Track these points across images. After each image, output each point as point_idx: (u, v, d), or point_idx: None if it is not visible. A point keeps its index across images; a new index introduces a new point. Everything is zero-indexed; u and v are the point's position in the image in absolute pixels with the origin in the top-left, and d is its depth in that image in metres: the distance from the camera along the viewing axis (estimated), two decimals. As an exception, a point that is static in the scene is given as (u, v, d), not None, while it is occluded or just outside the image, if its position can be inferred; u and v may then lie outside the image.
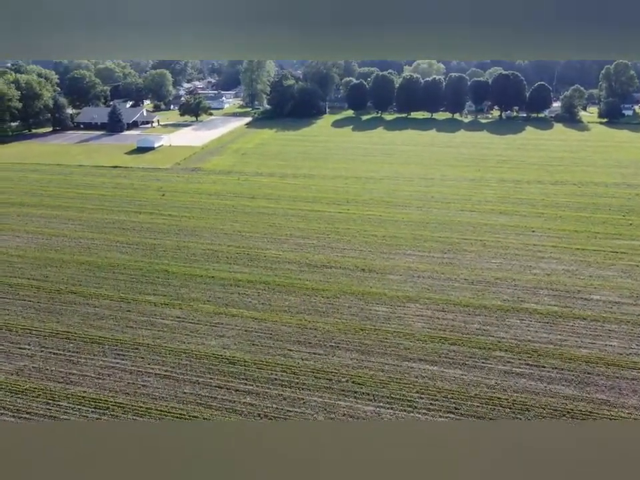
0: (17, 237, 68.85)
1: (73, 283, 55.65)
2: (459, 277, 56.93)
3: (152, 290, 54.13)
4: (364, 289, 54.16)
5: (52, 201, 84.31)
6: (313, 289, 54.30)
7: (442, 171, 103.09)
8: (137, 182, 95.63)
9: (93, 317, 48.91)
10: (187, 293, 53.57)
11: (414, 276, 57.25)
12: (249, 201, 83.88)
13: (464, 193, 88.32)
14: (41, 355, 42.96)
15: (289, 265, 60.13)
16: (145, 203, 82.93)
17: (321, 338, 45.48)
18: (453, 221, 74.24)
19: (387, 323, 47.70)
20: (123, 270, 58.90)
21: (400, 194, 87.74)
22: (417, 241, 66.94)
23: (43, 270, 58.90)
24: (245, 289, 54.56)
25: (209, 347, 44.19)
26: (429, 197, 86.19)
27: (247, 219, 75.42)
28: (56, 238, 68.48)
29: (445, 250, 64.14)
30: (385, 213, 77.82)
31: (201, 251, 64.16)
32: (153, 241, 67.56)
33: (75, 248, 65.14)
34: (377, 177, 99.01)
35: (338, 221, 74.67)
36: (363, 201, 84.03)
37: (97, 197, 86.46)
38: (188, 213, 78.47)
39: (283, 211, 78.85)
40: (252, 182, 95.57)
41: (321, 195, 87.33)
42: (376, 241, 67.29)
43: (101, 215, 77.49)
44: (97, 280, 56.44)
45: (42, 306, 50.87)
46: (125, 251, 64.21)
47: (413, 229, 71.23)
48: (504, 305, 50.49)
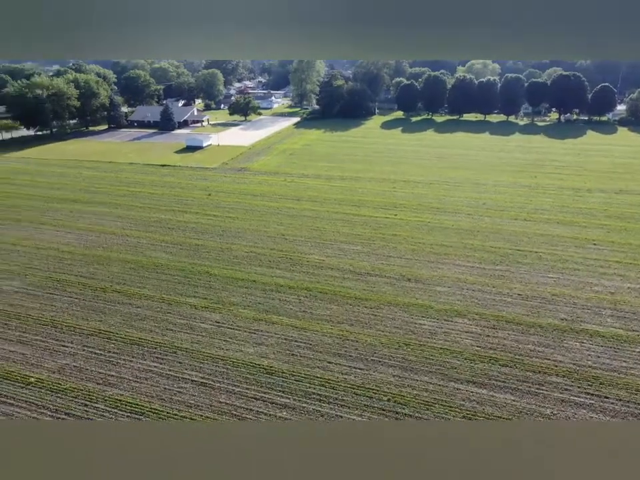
0: (69, 233, 70.51)
1: (118, 282, 56.11)
2: (511, 291, 53.54)
3: (193, 292, 53.77)
4: (409, 300, 51.77)
5: (103, 198, 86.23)
6: (355, 298, 52.41)
7: (495, 177, 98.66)
8: (184, 181, 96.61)
9: (134, 317, 48.93)
10: (228, 296, 52.87)
11: (463, 288, 54.31)
12: (294, 203, 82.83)
13: (518, 200, 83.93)
14: (82, 354, 43.17)
15: (331, 272, 58.47)
16: (191, 203, 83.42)
17: (362, 351, 43.54)
18: (505, 230, 70.42)
19: (433, 339, 45.20)
20: (166, 270, 58.97)
21: (449, 200, 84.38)
22: (466, 251, 63.77)
23: (90, 267, 59.81)
24: (286, 294, 53.31)
25: (246, 354, 43.14)
26: (480, 203, 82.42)
27: (291, 222, 74.33)
28: (105, 235, 69.66)
29: (496, 261, 60.70)
30: (433, 220, 74.84)
31: (244, 254, 63.49)
32: (196, 241, 67.53)
33: (122, 246, 65.94)
34: (425, 181, 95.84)
35: (384, 226, 72.37)
36: (411, 206, 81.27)
37: (146, 195, 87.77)
38: (232, 213, 78.24)
39: (327, 215, 77.29)
40: (298, 183, 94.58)
41: (367, 198, 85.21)
42: (423, 248, 64.59)
43: (148, 213, 78.44)
44: (141, 279, 56.69)
45: (87, 304, 51.42)
46: (169, 251, 64.42)
47: (462, 238, 68.00)
48: (561, 325, 46.89)
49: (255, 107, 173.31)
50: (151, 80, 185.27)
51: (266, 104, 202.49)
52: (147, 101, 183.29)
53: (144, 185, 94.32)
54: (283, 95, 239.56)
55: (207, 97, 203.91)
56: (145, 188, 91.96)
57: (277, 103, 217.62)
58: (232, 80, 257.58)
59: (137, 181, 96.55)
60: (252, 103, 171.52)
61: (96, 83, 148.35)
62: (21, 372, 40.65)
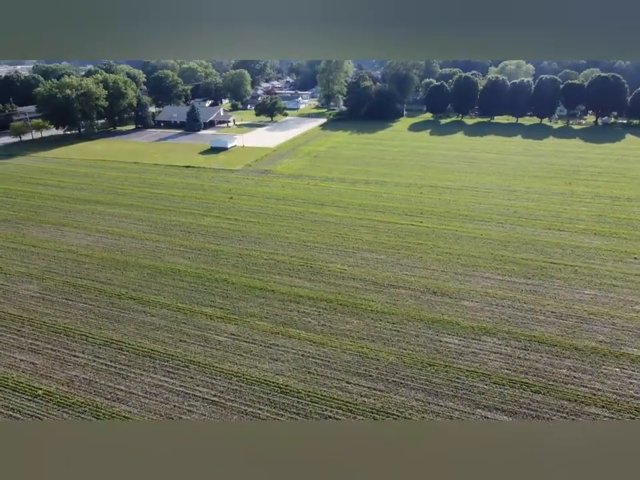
0: (88, 236, 69.95)
1: (134, 288, 54.93)
2: (544, 308, 50.17)
3: (209, 301, 52.13)
4: (434, 316, 48.97)
5: (125, 199, 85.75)
6: (377, 312, 49.89)
7: (527, 183, 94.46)
8: (206, 183, 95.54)
9: (148, 326, 47.53)
10: (245, 306, 51.03)
11: (492, 304, 51.19)
12: (317, 208, 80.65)
13: (552, 208, 79.83)
14: (93, 365, 41.90)
15: (353, 282, 56.06)
16: (212, 206, 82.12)
17: (383, 371, 41.03)
18: (538, 241, 66.71)
19: (460, 359, 42.36)
20: (183, 277, 57.55)
21: (479, 207, 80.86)
22: (496, 262, 60.45)
23: (107, 272, 58.85)
24: (305, 306, 51.16)
25: (261, 370, 41.14)
26: (511, 211, 78.67)
27: (313, 228, 72.17)
28: (124, 239, 68.82)
29: (528, 275, 57.26)
30: (461, 228, 71.59)
31: (263, 261, 61.63)
32: (216, 246, 66.02)
33: (140, 250, 64.92)
34: (454, 186, 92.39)
35: (409, 234, 69.51)
36: (438, 213, 78.10)
37: (168, 197, 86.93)
38: (254, 218, 76.55)
39: (351, 221, 74.84)
40: (321, 187, 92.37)
41: (393, 204, 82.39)
42: (450, 259, 61.55)
43: (169, 216, 77.44)
44: (157, 286, 55.38)
45: (101, 311, 50.31)
46: (188, 256, 63.05)
47: (492, 248, 64.64)
48: (600, 348, 43.41)
49: (281, 108, 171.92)
50: (178, 80, 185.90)
51: (293, 104, 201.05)
52: (174, 101, 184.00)
53: (166, 186, 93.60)
54: (310, 95, 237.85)
55: (234, 97, 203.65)
56: (167, 190, 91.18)
57: (304, 103, 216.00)
58: (260, 80, 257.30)
59: (160, 183, 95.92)
60: (278, 104, 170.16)
61: (124, 83, 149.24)
62: (29, 383, 39.56)
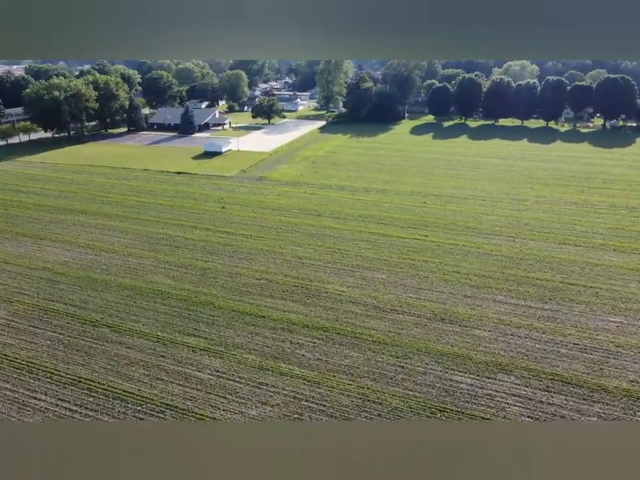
0: (67, 251, 64.78)
1: (111, 313, 49.77)
2: (566, 338, 45.03)
3: (193, 329, 46.98)
4: (442, 348, 43.83)
5: (110, 209, 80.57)
6: (379, 343, 44.74)
7: (537, 191, 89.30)
8: (198, 191, 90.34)
9: (122, 361, 42.35)
10: (232, 336, 45.87)
11: (507, 333, 46.05)
12: (314, 220, 75.48)
13: (565, 220, 74.67)
14: (54, 410, 36.70)
15: (352, 306, 50.92)
16: (202, 216, 76.94)
17: (386, 419, 35.86)
18: (553, 258, 61.56)
19: (473, 403, 37.20)
20: (166, 299, 52.41)
21: (487, 218, 75.71)
22: (509, 283, 55.31)
23: (84, 293, 53.69)
24: (299, 335, 46.01)
25: (247, 417, 35.97)
26: (522, 223, 73.51)
27: (309, 242, 67.00)
28: (105, 254, 63.64)
29: (545, 298, 52.12)
30: (469, 243, 66.43)
31: (255, 281, 56.48)
32: (204, 263, 60.85)
33: (122, 268, 59.74)
34: (460, 195, 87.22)
35: (413, 250, 64.34)
36: (444, 225, 72.93)
37: (156, 206, 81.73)
38: (246, 230, 71.37)
39: (350, 234, 69.66)
40: (319, 196, 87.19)
41: (395, 215, 77.22)
42: (458, 279, 56.40)
43: (155, 228, 72.23)
44: (137, 311, 50.22)
45: (72, 342, 45.13)
46: (173, 275, 57.89)
47: (504, 266, 59.49)
48: (632, 390, 38.25)
49: (279, 110, 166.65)
50: (173, 81, 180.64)
51: (291, 106, 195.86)
52: (169, 102, 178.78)
53: (155, 194, 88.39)
54: (309, 96, 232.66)
55: (231, 99, 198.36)
56: (155, 198, 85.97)
57: (303, 105, 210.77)
58: (257, 81, 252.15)
59: (149, 190, 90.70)
60: (275, 106, 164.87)
61: (116, 85, 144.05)
62: (-21, 434, 34.36)
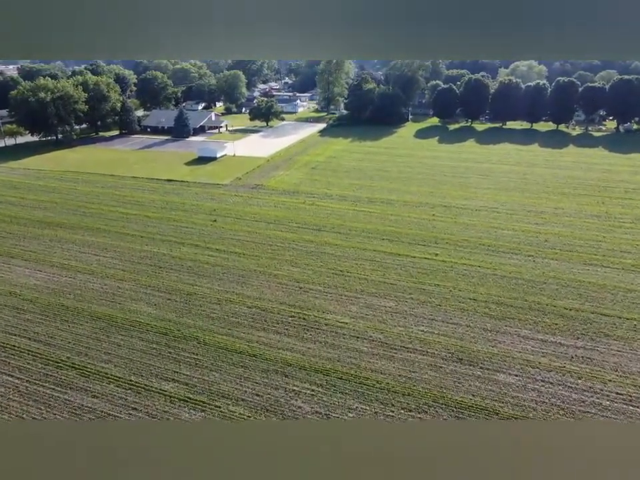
0: (39, 272, 58.41)
1: (80, 351, 43.39)
2: (605, 387, 38.59)
3: (173, 372, 40.59)
4: (462, 398, 37.41)
5: (92, 222, 74.16)
6: (389, 391, 38.32)
7: (554, 202, 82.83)
8: (189, 201, 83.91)
9: (86, 415, 35.93)
10: (217, 381, 39.46)
11: (536, 378, 39.61)
12: (314, 235, 69.03)
13: (589, 236, 68.20)
14: (-3, 485, 30.29)
15: (356, 342, 44.52)
16: (191, 231, 70.51)
17: (399, 498, 29.42)
18: (580, 282, 55.11)
19: (504, 476, 30.69)
20: (144, 333, 46.04)
21: (503, 233, 69.24)
22: (533, 314, 48.90)
23: (51, 325, 47.32)
24: (295, 380, 39.60)
25: (230, 495, 29.53)
26: (541, 240, 67.05)
27: (308, 262, 60.59)
28: (81, 276, 57.26)
29: (576, 332, 45.69)
30: (485, 263, 59.98)
31: (246, 309, 50.10)
32: (190, 287, 54.48)
33: (97, 293, 53.37)
34: (471, 206, 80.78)
35: (423, 272, 57.89)
36: (456, 242, 66.48)
37: (142, 219, 75.31)
38: (239, 247, 64.95)
39: (353, 252, 63.24)
40: (319, 207, 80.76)
41: (402, 230, 70.77)
42: (476, 309, 49.99)
43: (139, 244, 65.82)
44: (110, 348, 43.83)
45: (29, 389, 38.71)
46: (154, 302, 51.52)
47: (525, 292, 53.07)
48: (694, 458, 31.73)
49: (278, 112, 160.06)
50: (168, 82, 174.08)
51: (290, 108, 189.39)
52: (163, 104, 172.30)
53: (142, 205, 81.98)
54: (309, 97, 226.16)
55: (228, 100, 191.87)
56: (142, 210, 79.54)
57: (302, 106, 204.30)
58: (256, 81, 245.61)
59: (136, 201, 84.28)
60: (274, 108, 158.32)
61: (107, 86, 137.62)
62: None
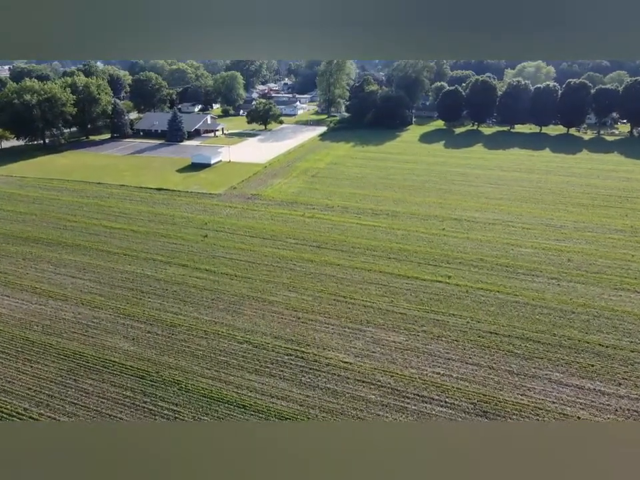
0: (6, 297, 52.29)
1: (40, 401, 37.27)
2: (660, 449, 32.34)
3: (146, 429, 34.39)
4: (491, 465, 31.17)
5: (72, 237, 67.99)
6: (402, 455, 32.08)
7: (573, 215, 76.64)
8: (179, 213, 77.72)
9: (38, 490, 29.81)
10: (198, 442, 33.25)
11: (576, 438, 33.36)
12: (313, 253, 62.85)
13: (615, 254, 62.02)
14: None
15: (362, 389, 38.38)
16: (180, 248, 64.33)
17: None
18: (613, 311, 48.96)
19: None
20: (118, 376, 39.91)
21: (521, 252, 63.04)
22: (565, 352, 42.73)
23: (12, 366, 41.21)
24: (291, 441, 33.35)
25: None
26: (564, 259, 60.87)
27: (306, 285, 54.44)
28: (52, 303, 51.14)
29: (617, 377, 39.54)
30: (504, 287, 53.82)
31: (236, 345, 43.97)
32: (174, 317, 48.37)
33: (69, 324, 47.23)
34: (483, 219, 74.58)
35: (436, 298, 51.75)
36: (470, 261, 60.29)
37: (127, 234, 69.12)
38: (231, 268, 58.78)
39: (357, 274, 57.05)
40: (319, 220, 74.57)
41: (410, 246, 64.59)
42: (498, 345, 43.82)
43: (121, 264, 59.66)
44: (76, 396, 37.72)
45: (-26, 453, 32.55)
46: (132, 335, 45.40)
47: (553, 324, 46.91)
48: None
49: (276, 115, 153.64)
50: (162, 83, 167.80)
51: (289, 110, 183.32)
52: (158, 106, 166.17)
53: (129, 217, 75.79)
54: (309, 99, 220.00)
55: (226, 102, 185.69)
56: (128, 223, 73.33)
57: (302, 108, 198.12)
58: (255, 82, 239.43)
59: (122, 212, 78.07)
60: (273, 110, 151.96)
61: (97, 87, 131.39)
62: None
